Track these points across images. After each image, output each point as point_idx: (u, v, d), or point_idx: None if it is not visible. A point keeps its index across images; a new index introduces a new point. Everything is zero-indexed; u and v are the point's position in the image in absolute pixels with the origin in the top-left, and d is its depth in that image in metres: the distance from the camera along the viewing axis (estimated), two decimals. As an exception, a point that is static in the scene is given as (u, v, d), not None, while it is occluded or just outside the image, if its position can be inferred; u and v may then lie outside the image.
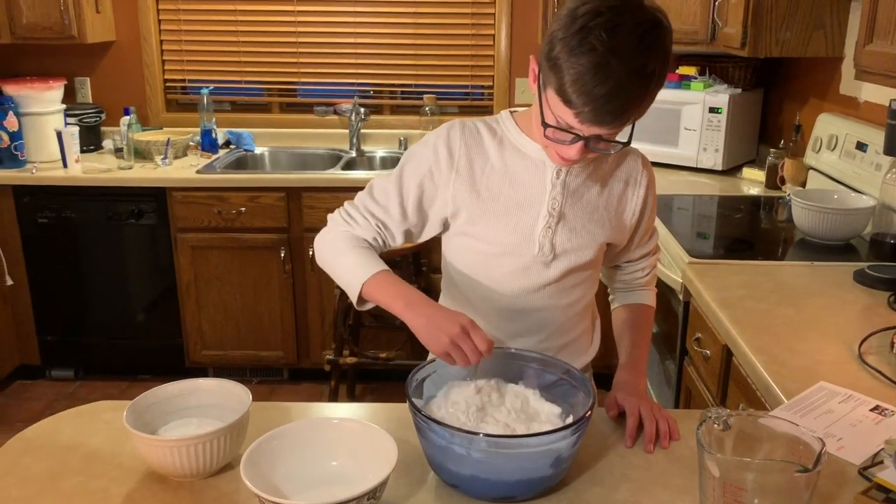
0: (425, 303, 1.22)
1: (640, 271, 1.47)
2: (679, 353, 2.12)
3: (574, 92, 1.09)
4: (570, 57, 1.07)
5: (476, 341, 1.14)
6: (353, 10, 3.69)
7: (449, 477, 1.09)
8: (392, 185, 1.34)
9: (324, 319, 3.40)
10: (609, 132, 1.15)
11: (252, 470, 1.01)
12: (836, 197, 2.26)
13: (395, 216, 1.33)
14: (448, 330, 1.14)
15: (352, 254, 1.30)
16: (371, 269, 1.27)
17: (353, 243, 1.32)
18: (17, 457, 1.19)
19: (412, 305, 1.21)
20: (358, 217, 1.34)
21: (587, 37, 1.06)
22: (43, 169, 3.30)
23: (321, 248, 1.37)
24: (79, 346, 3.49)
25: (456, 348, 1.14)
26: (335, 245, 1.33)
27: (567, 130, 1.15)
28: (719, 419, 1.02)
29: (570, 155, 1.19)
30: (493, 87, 3.78)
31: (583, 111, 1.10)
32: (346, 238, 1.33)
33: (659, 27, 1.11)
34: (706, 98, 3.02)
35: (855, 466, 1.14)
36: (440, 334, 1.15)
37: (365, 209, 1.35)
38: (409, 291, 1.24)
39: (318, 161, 3.69)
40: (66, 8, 3.35)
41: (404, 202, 1.33)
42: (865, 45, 1.77)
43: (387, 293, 1.25)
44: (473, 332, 1.15)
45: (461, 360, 1.15)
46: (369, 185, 1.37)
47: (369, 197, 1.35)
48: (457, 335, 1.14)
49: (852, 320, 1.68)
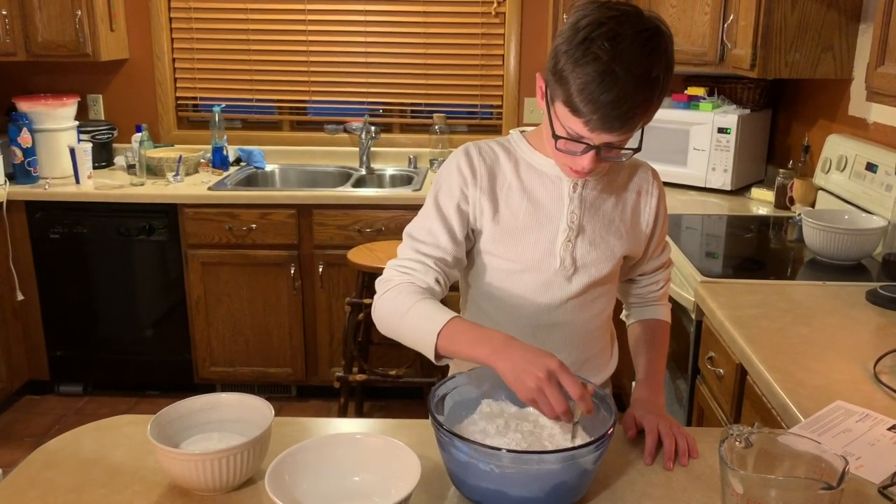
0: (514, 344, 1.12)
1: (654, 284, 1.49)
2: (691, 373, 2.12)
3: (581, 101, 1.11)
4: (576, 68, 1.10)
5: (566, 385, 1.06)
6: (363, 29, 3.73)
7: (471, 492, 1.10)
8: (432, 220, 1.31)
9: (332, 336, 3.40)
10: (618, 139, 1.17)
11: (276, 484, 1.01)
12: (847, 217, 2.27)
13: (448, 248, 1.30)
14: (535, 373, 1.06)
15: (416, 308, 1.21)
16: (441, 319, 1.18)
17: (415, 297, 1.23)
18: (39, 470, 1.20)
19: (500, 349, 1.11)
20: (413, 265, 1.28)
21: (590, 47, 1.09)
22: (55, 185, 3.33)
23: (381, 311, 1.27)
24: (88, 362, 3.50)
25: (542, 395, 1.06)
26: (394, 304, 1.24)
27: (577, 140, 1.18)
28: (741, 436, 1.02)
29: (583, 165, 1.21)
30: (502, 106, 3.80)
31: (591, 119, 1.12)
32: (407, 292, 1.24)
33: (659, 34, 1.14)
34: (715, 118, 3.04)
35: (874, 485, 1.14)
36: (527, 379, 1.07)
37: (417, 254, 1.29)
38: (489, 336, 1.14)
39: (328, 179, 3.72)
40: (82, 26, 3.39)
41: (451, 230, 1.30)
42: (877, 67, 1.79)
43: (467, 341, 1.15)
44: (563, 375, 1.07)
45: (548, 412, 1.07)
46: (406, 235, 1.33)
47: (415, 242, 1.31)
48: (543, 380, 1.06)
49: (866, 340, 1.69)
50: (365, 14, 3.71)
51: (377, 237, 3.25)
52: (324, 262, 3.30)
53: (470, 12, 3.69)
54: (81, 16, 3.37)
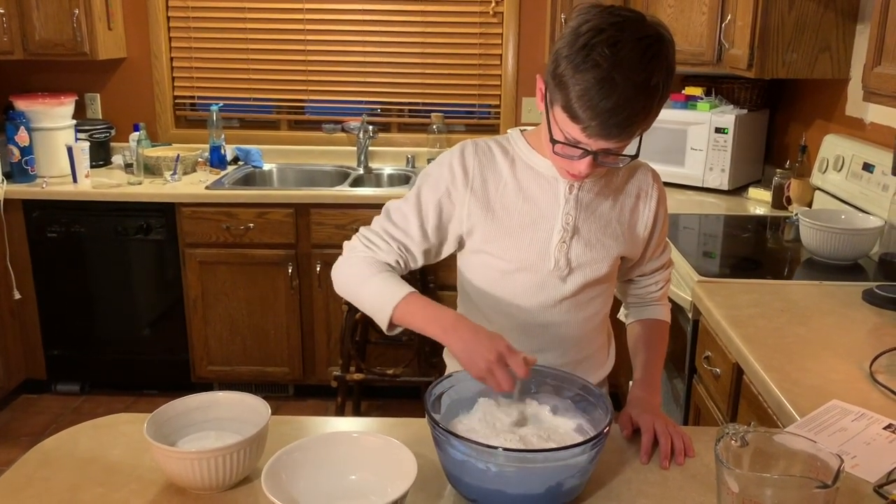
0: (463, 325, 1.19)
1: (653, 285, 1.49)
2: (688, 372, 2.13)
3: (580, 107, 1.11)
4: (575, 73, 1.10)
5: (513, 366, 1.13)
6: (361, 29, 3.73)
7: (468, 491, 1.10)
8: (410, 207, 1.34)
9: (330, 336, 3.40)
10: (616, 146, 1.17)
11: (273, 483, 1.02)
12: (844, 217, 2.27)
13: (415, 238, 1.33)
14: (485, 355, 1.13)
15: (377, 278, 1.28)
16: (399, 292, 1.24)
17: (376, 268, 1.30)
18: (35, 469, 1.20)
19: (450, 329, 1.19)
20: (378, 241, 1.33)
21: (591, 53, 1.09)
22: (53, 184, 3.33)
23: (341, 275, 1.34)
24: (85, 361, 3.50)
25: (491, 375, 1.13)
26: (357, 271, 1.31)
27: (575, 146, 1.18)
28: (737, 435, 1.02)
29: (580, 170, 1.21)
30: (500, 106, 3.80)
31: (589, 125, 1.12)
32: (368, 263, 1.31)
33: (661, 41, 1.14)
34: (712, 118, 3.04)
35: (869, 484, 1.15)
36: (478, 360, 1.14)
37: (385, 232, 1.33)
38: (443, 314, 1.22)
39: (325, 178, 3.71)
40: (79, 25, 3.38)
41: (424, 223, 1.33)
42: (874, 67, 1.80)
43: (421, 317, 1.22)
44: (510, 357, 1.14)
45: (496, 387, 1.14)
46: (385, 210, 1.37)
47: (387, 220, 1.34)
48: (493, 361, 1.13)
49: (862, 339, 1.69)
50: (363, 13, 3.71)
51: (375, 236, 3.24)
52: (321, 261, 3.30)
53: (468, 12, 3.69)
54: (79, 14, 3.37)
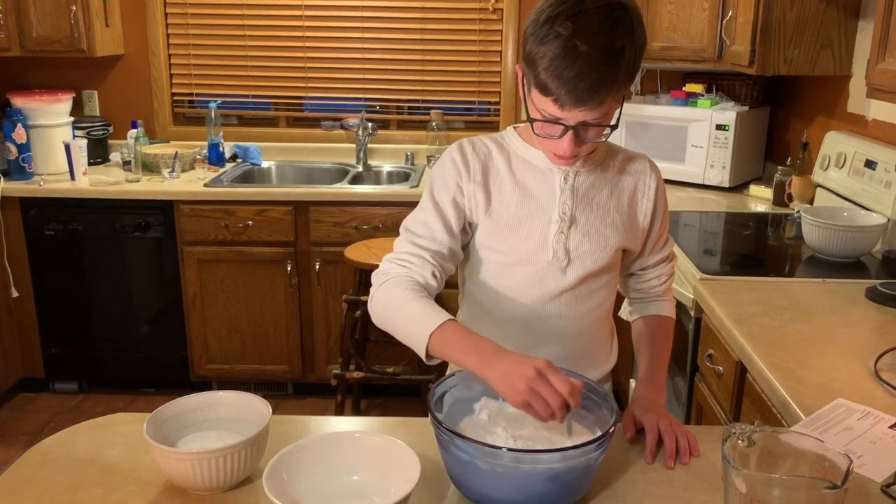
0: (499, 354, 1.12)
1: (655, 279, 1.47)
2: (690, 370, 2.12)
3: (548, 78, 1.13)
4: (540, 47, 1.13)
5: (555, 383, 1.05)
6: (360, 25, 3.71)
7: (471, 492, 1.09)
8: (428, 213, 1.32)
9: (329, 334, 3.39)
10: (592, 117, 1.17)
11: (274, 483, 1.00)
12: (847, 214, 2.26)
13: (443, 240, 1.31)
14: (524, 373, 1.06)
15: (411, 305, 1.22)
16: (435, 321, 1.18)
17: (411, 293, 1.24)
18: (34, 469, 1.18)
19: (487, 360, 1.11)
20: (409, 258, 1.30)
21: (553, 26, 1.12)
22: (50, 181, 3.31)
23: (376, 305, 1.28)
24: (83, 359, 3.48)
25: (534, 395, 1.05)
26: (392, 297, 1.25)
27: (553, 122, 1.19)
28: (744, 435, 1.01)
29: (564, 148, 1.21)
30: (499, 103, 3.79)
31: (559, 95, 1.14)
32: (404, 286, 1.25)
33: (622, 9, 1.15)
34: (713, 115, 3.03)
35: (877, 484, 1.13)
36: (516, 381, 1.06)
37: (413, 246, 1.31)
38: (479, 344, 1.15)
39: (324, 175, 3.70)
40: (77, 21, 3.36)
41: (447, 223, 1.32)
42: (877, 63, 1.79)
43: (457, 348, 1.16)
44: (551, 373, 1.06)
45: (542, 410, 1.05)
46: (403, 229, 1.34)
47: (411, 235, 1.32)
48: (533, 378, 1.05)
49: (866, 337, 1.68)
50: (361, 10, 3.69)
51: (374, 234, 3.23)
52: (320, 259, 3.28)
53: (467, 8, 3.68)
54: (76, 11, 3.35)
